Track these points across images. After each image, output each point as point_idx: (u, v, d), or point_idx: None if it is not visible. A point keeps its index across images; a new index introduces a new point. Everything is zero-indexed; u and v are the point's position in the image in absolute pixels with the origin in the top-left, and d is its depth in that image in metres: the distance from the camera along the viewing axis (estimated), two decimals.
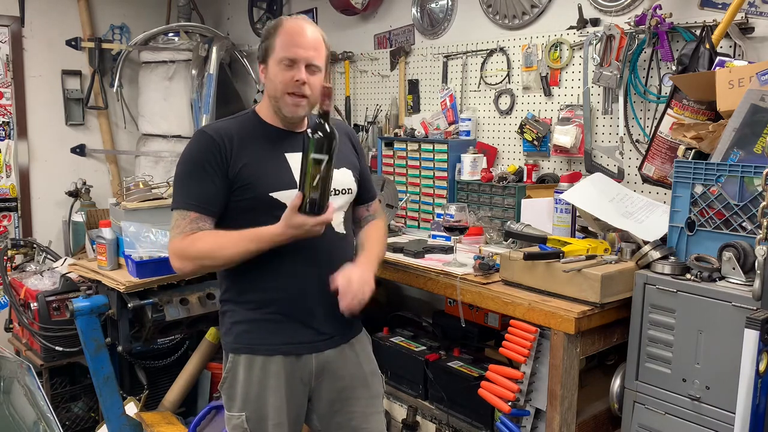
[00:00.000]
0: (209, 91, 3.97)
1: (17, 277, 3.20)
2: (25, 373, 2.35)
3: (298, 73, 1.71)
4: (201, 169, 1.69)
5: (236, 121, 1.81)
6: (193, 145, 1.75)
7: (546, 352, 1.83)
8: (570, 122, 2.56)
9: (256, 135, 1.77)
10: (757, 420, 1.50)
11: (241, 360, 1.77)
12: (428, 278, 2.17)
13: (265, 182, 1.71)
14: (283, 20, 1.77)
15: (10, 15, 3.99)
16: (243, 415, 1.76)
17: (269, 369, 1.75)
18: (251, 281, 1.76)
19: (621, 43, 2.31)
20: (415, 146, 2.93)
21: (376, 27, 3.47)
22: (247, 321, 1.78)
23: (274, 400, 1.75)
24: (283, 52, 1.71)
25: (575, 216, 2.22)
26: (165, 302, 2.65)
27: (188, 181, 1.72)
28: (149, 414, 2.88)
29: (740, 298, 1.57)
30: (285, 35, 1.72)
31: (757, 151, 1.70)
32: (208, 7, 4.63)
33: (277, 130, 1.80)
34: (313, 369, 1.80)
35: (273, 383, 1.75)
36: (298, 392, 1.80)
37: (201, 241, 1.67)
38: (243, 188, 1.71)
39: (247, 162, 1.71)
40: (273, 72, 1.73)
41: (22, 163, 4.10)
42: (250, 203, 1.72)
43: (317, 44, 1.75)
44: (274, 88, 1.74)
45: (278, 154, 1.76)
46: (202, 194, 1.70)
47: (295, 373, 1.78)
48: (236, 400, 1.77)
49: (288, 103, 1.73)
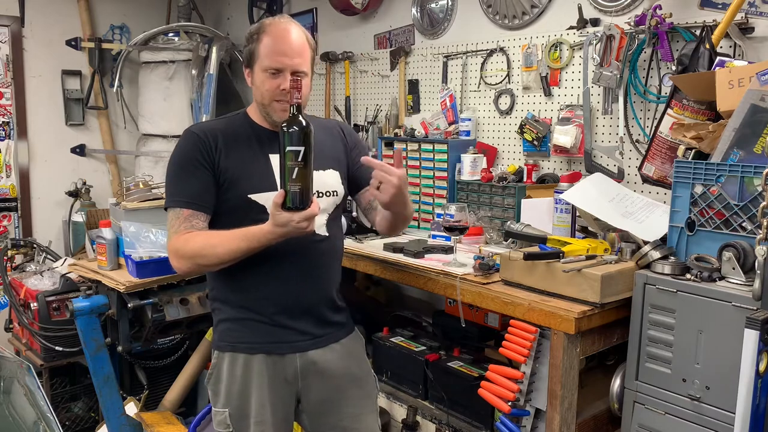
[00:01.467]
0: (209, 91, 3.97)
1: (17, 277, 3.20)
2: (25, 373, 2.35)
3: (284, 81, 1.69)
4: (190, 166, 1.70)
5: (224, 121, 1.82)
6: (180, 145, 1.76)
7: (546, 352, 1.82)
8: (570, 122, 2.56)
9: (242, 135, 1.77)
10: (757, 420, 1.50)
11: (225, 357, 1.78)
12: (428, 278, 2.17)
13: (245, 184, 1.71)
14: (266, 24, 1.75)
15: (10, 15, 3.99)
16: (226, 411, 1.77)
17: (251, 367, 1.76)
18: (235, 281, 1.76)
19: (621, 43, 2.31)
20: (415, 146, 2.93)
21: (376, 27, 3.47)
22: (231, 320, 1.79)
23: (256, 398, 1.75)
24: (268, 60, 1.70)
25: (575, 216, 2.22)
26: (165, 302, 2.65)
27: (178, 180, 1.73)
28: (149, 414, 2.88)
29: (740, 298, 1.57)
30: (269, 41, 1.71)
31: (757, 151, 1.70)
32: (208, 7, 4.63)
33: (266, 132, 1.79)
34: (298, 368, 1.79)
35: (256, 381, 1.76)
36: (283, 391, 1.79)
37: (194, 240, 1.68)
38: (225, 188, 1.71)
39: (230, 161, 1.72)
40: (259, 79, 1.72)
41: (22, 163, 4.10)
42: (230, 204, 1.72)
43: (302, 49, 1.73)
44: (261, 95, 1.74)
45: (262, 155, 1.76)
46: (193, 191, 1.70)
47: (278, 372, 1.77)
48: (220, 396, 1.79)
49: (276, 110, 1.73)
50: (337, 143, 1.91)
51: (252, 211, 1.70)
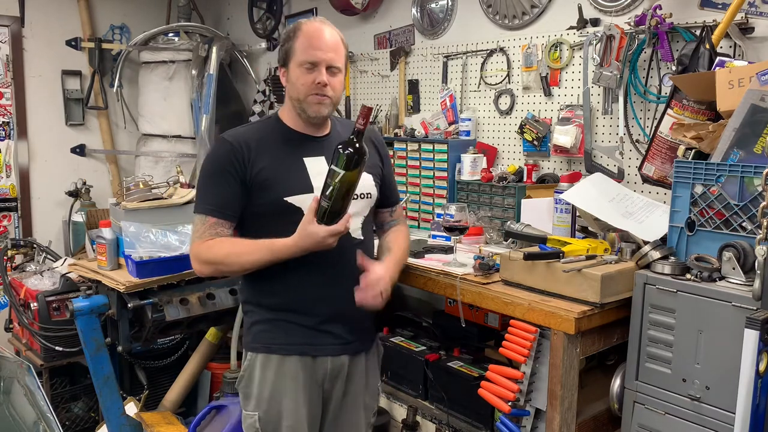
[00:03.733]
0: (209, 91, 3.97)
1: (17, 277, 3.20)
2: (25, 373, 2.35)
3: (319, 75, 1.73)
4: (219, 175, 1.74)
5: (257, 126, 1.86)
6: (213, 152, 1.81)
7: (546, 352, 1.82)
8: (570, 122, 2.56)
9: (276, 139, 1.80)
10: (757, 420, 1.50)
11: (258, 359, 1.81)
12: (428, 278, 2.17)
13: (280, 186, 1.74)
14: (302, 23, 1.79)
15: (10, 15, 3.99)
16: (256, 414, 1.80)
17: (285, 370, 1.78)
18: (268, 284, 1.79)
19: (621, 43, 2.31)
20: (415, 146, 2.93)
21: (376, 27, 3.47)
22: (265, 321, 1.82)
23: (288, 402, 1.77)
24: (304, 55, 1.74)
25: (575, 216, 2.22)
26: (165, 302, 2.65)
27: (207, 187, 1.77)
28: (149, 414, 2.88)
29: (740, 298, 1.57)
30: (304, 38, 1.75)
31: (757, 151, 1.70)
32: (208, 7, 4.63)
33: (299, 135, 1.82)
34: (328, 371, 1.82)
35: (289, 385, 1.78)
36: (314, 394, 1.82)
37: (217, 247, 1.72)
38: (260, 192, 1.74)
39: (264, 166, 1.74)
40: (294, 75, 1.76)
41: (22, 163, 4.10)
42: (266, 207, 1.75)
43: (336, 46, 1.78)
44: (296, 91, 1.77)
45: (297, 158, 1.78)
46: (221, 199, 1.74)
47: (311, 375, 1.80)
48: (251, 399, 1.81)
49: (312, 103, 1.76)
50: (373, 149, 1.93)
51: (288, 212, 1.73)
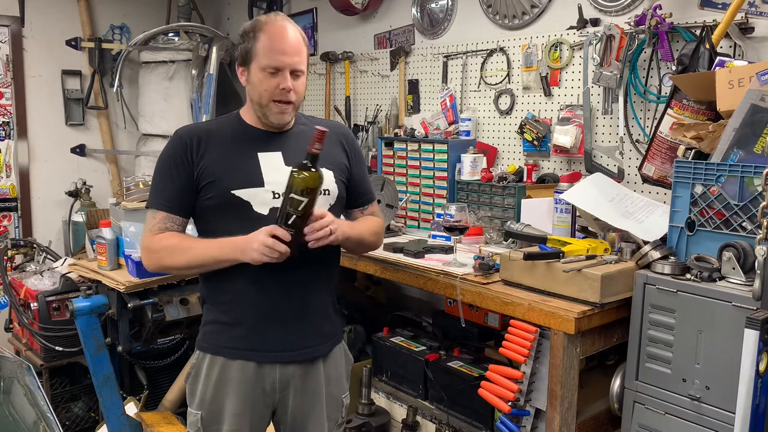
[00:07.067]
0: (209, 91, 3.97)
1: (17, 277, 3.20)
2: (25, 373, 2.34)
3: (283, 81, 1.68)
4: (168, 169, 1.72)
5: (216, 121, 1.84)
6: (165, 148, 1.77)
7: (546, 352, 1.82)
8: (570, 122, 2.56)
9: (231, 134, 1.76)
10: (757, 420, 1.50)
11: (206, 359, 1.77)
12: (428, 278, 2.17)
13: (228, 179, 1.69)
14: (262, 22, 1.71)
15: (10, 15, 3.99)
16: (199, 414, 1.76)
17: (229, 374, 1.73)
18: (222, 284, 1.75)
19: (621, 43, 2.31)
20: (415, 146, 2.93)
21: (376, 27, 3.47)
22: (215, 322, 1.78)
23: (230, 406, 1.73)
24: (267, 59, 1.67)
25: (575, 216, 2.22)
26: (165, 302, 2.65)
27: (158, 182, 1.75)
28: (149, 414, 2.87)
29: (740, 298, 1.57)
30: (267, 40, 1.68)
31: (757, 151, 1.70)
32: (208, 7, 4.63)
33: (257, 131, 1.77)
34: (277, 380, 1.75)
35: (232, 389, 1.73)
36: (260, 403, 1.76)
37: (166, 240, 1.70)
38: (207, 185, 1.70)
39: (213, 159, 1.71)
40: (256, 78, 1.70)
41: (22, 163, 4.10)
42: (213, 201, 1.70)
43: (299, 48, 1.71)
44: (258, 95, 1.71)
45: (250, 153, 1.73)
46: (169, 194, 1.72)
47: (256, 381, 1.74)
48: (195, 397, 1.77)
49: (274, 111, 1.71)
50: (336, 146, 1.85)
51: (236, 206, 1.68)
